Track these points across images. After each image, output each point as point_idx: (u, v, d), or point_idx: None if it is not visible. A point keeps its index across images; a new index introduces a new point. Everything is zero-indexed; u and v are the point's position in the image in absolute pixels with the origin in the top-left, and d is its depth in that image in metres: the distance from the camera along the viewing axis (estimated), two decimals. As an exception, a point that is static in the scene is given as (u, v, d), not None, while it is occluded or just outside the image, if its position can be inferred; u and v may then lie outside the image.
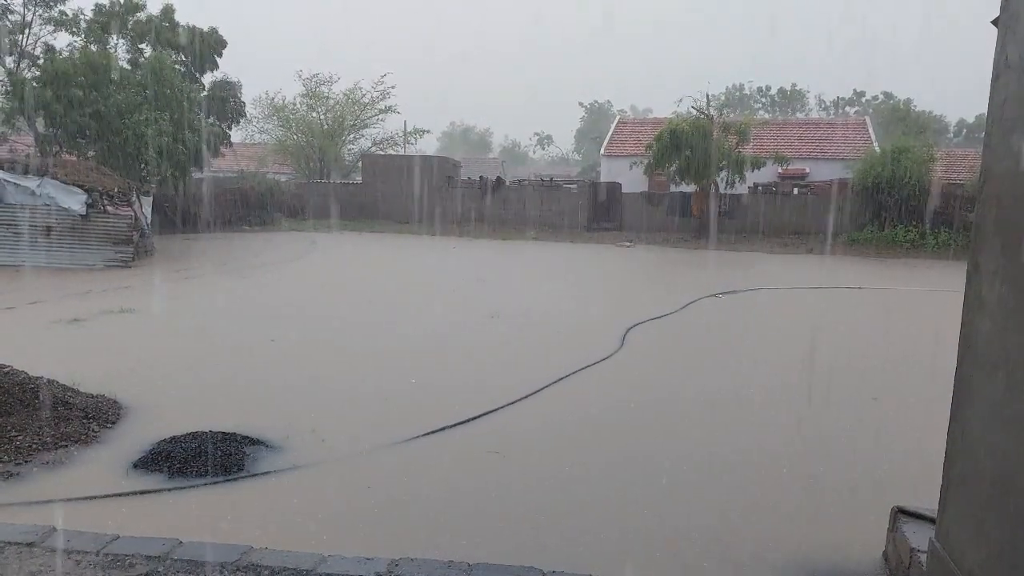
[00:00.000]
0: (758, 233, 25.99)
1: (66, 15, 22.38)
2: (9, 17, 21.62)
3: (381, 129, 38.92)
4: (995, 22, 2.82)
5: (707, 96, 27.19)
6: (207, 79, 25.78)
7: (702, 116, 26.13)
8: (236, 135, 30.29)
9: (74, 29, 22.50)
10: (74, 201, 15.59)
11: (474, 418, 6.09)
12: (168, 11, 24.03)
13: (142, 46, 23.59)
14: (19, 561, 3.46)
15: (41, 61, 21.03)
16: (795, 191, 28.46)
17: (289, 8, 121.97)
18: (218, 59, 25.59)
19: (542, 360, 8.19)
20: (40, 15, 22.30)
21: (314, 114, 36.52)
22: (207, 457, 5.00)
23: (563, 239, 25.44)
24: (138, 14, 23.50)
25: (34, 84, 20.25)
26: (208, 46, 24.77)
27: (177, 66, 23.06)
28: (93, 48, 21.64)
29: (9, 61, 21.22)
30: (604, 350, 8.66)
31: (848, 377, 7.89)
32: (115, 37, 23.32)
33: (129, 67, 22.71)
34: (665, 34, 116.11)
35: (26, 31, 21.86)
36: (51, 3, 22.18)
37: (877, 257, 22.14)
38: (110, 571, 3.40)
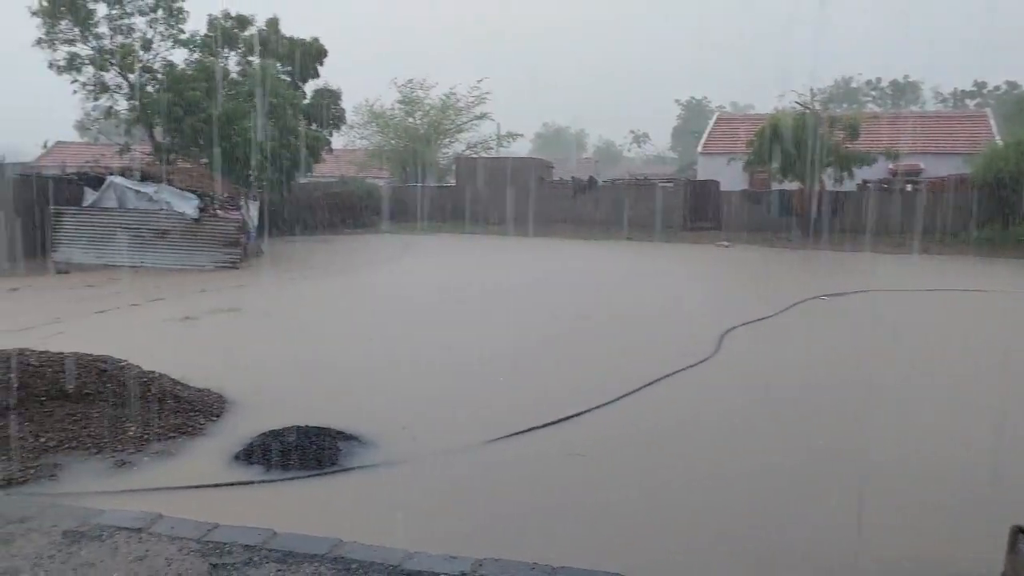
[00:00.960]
0: (867, 232, 24.66)
1: (183, 32, 23.82)
2: (132, 34, 23.16)
3: (475, 133, 39.40)
4: None
5: (811, 90, 26.10)
6: (309, 87, 26.78)
7: (806, 111, 25.08)
8: (337, 141, 31.27)
9: (191, 46, 23.90)
10: (187, 206, 16.52)
11: (563, 419, 6.03)
12: (273, 23, 25.18)
13: (251, 58, 24.81)
14: (128, 545, 3.67)
15: (160, 76, 22.44)
16: (908, 188, 26.86)
17: (385, 16, 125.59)
18: (320, 68, 26.55)
19: (633, 363, 8.03)
20: (161, 32, 23.81)
21: (410, 120, 37.33)
22: (303, 451, 5.16)
23: (658, 239, 24.96)
24: (249, 28, 24.75)
25: (154, 94, 21.66)
26: (310, 55, 25.74)
27: (282, 75, 24.08)
28: (205, 60, 22.91)
29: (132, 78, 22.72)
30: (699, 354, 8.40)
31: (964, 385, 7.36)
32: (226, 49, 24.59)
33: (240, 77, 23.90)
34: (765, 27, 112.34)
35: (149, 48, 23.37)
36: (172, 22, 23.63)
37: (1000, 257, 20.59)
38: (209, 558, 3.55)
